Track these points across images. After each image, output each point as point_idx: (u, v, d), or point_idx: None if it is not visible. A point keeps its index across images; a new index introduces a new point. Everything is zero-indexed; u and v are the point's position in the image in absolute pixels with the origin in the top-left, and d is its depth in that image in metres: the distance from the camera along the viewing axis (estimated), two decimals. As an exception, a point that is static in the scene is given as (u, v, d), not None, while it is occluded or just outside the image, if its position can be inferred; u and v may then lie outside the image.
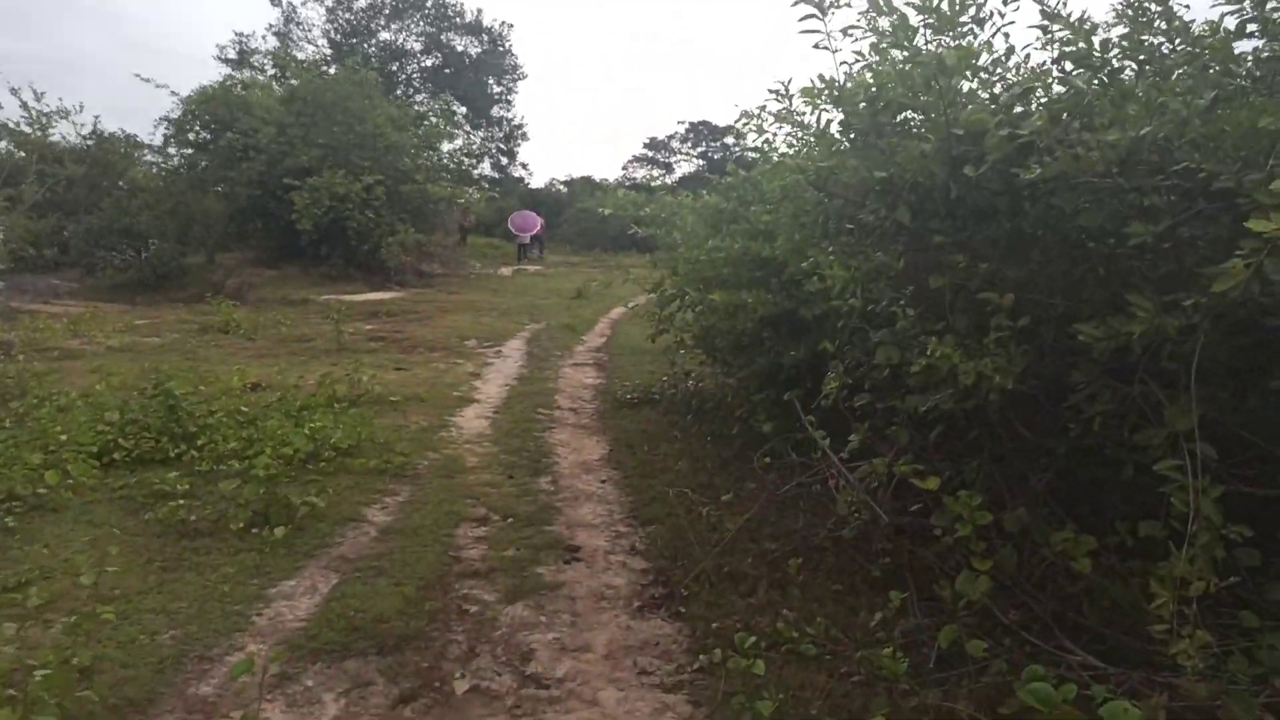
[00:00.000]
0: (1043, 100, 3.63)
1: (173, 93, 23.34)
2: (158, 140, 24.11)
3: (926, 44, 3.79)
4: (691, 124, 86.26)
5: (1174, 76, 3.70)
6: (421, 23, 43.63)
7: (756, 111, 4.47)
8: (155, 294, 22.97)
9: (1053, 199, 3.48)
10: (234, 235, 23.76)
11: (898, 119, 3.84)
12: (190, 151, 23.38)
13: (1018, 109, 3.66)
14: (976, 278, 3.60)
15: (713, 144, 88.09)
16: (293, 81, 22.12)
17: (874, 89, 3.80)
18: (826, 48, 3.98)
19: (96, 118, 25.06)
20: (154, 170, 24.55)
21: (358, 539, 5.38)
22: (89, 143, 24.81)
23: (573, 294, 20.75)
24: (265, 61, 23.71)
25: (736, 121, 4.46)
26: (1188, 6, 3.84)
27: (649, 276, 10.01)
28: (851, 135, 3.96)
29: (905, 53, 3.51)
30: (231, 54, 32.67)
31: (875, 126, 3.85)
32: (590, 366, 12.54)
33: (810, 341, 5.85)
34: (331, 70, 24.84)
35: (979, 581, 3.41)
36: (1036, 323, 3.59)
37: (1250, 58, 3.50)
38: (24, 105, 18.35)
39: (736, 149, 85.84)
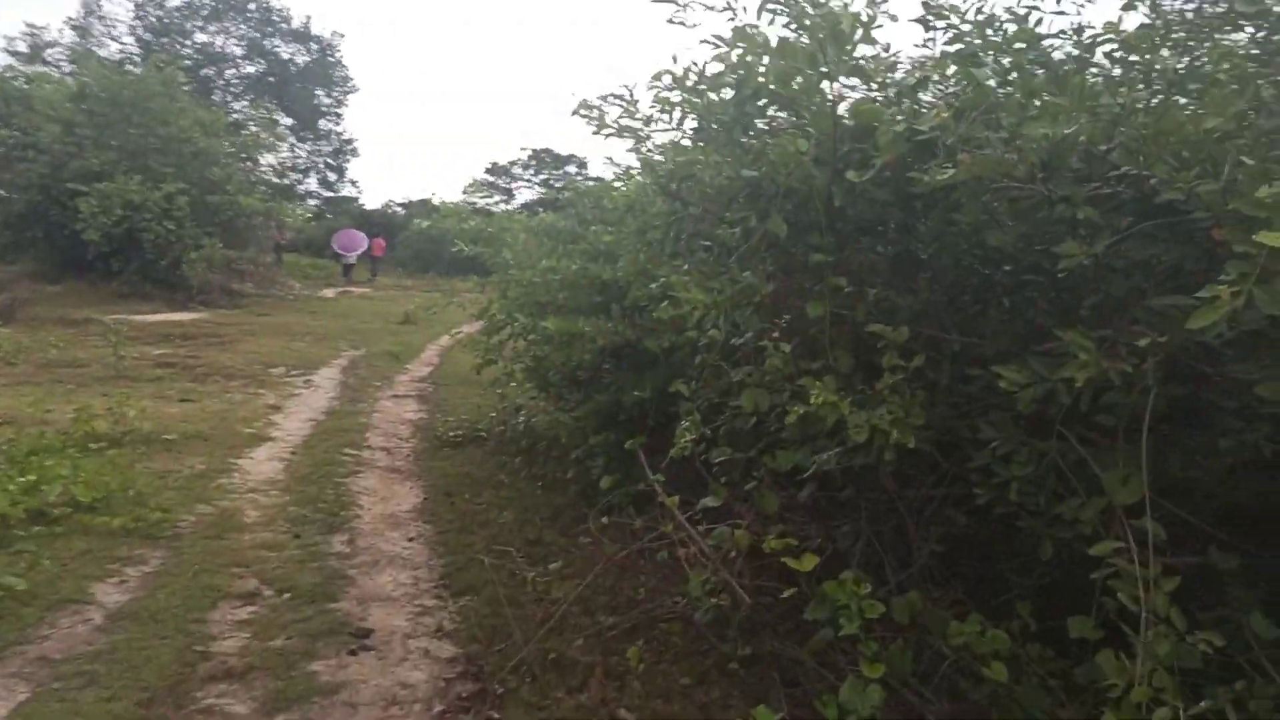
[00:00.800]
0: (941, 94, 3.01)
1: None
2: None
3: (801, 25, 3.11)
4: (534, 151, 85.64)
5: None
6: (243, 26, 40.76)
7: (598, 105, 3.68)
8: (-96, 309, 19.81)
9: (955, 213, 2.84)
10: (9, 246, 20.85)
11: (769, 113, 3.12)
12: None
13: (907, 104, 3.02)
14: (863, 306, 2.92)
15: (555, 172, 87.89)
16: (85, 77, 19.69)
17: (741, 73, 3.07)
18: (682, 23, 3.24)
19: None
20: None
21: (73, 630, 4.13)
22: None
23: (400, 318, 19.36)
24: (61, 57, 21.00)
25: (577, 111, 3.65)
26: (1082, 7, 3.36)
27: (478, 300, 9.06)
28: (713, 127, 3.21)
29: (785, 18, 2.79)
30: (22, 47, 29.20)
31: (741, 119, 3.12)
32: (412, 399, 11.37)
33: (658, 378, 5.08)
34: (137, 70, 22.33)
35: (868, 693, 2.67)
36: (930, 363, 2.94)
37: (1167, 57, 3.01)
38: None
39: (579, 177, 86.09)
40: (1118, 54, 3.01)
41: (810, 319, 2.92)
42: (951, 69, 3.06)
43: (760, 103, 3.02)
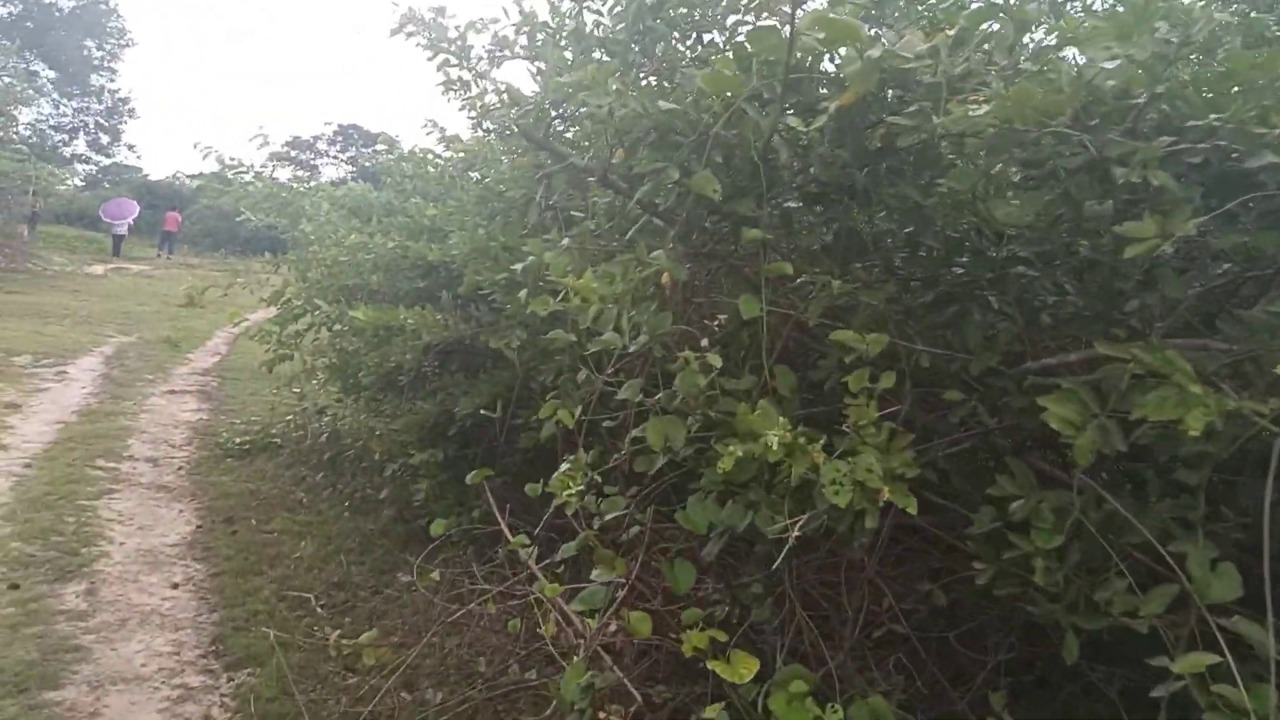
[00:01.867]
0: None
1: None
2: None
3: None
4: (341, 126, 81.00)
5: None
6: (-3, -40, 35.46)
7: (430, 19, 2.68)
8: None
9: (940, 178, 2.08)
10: None
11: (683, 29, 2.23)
12: None
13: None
14: (817, 302, 2.10)
15: (364, 149, 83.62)
16: None
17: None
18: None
19: None
20: None
21: None
22: None
23: (183, 301, 17.12)
24: None
25: (401, 30, 2.64)
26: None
27: (271, 282, 7.68)
28: (599, 54, 2.30)
29: None
30: None
31: (643, 36, 2.22)
32: (192, 395, 9.73)
33: (498, 385, 4.11)
34: None
35: None
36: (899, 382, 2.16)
37: None
38: None
39: (392, 155, 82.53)
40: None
41: (746, 321, 2.07)
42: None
43: (675, 11, 2.13)
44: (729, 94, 2.04)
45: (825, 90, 2.17)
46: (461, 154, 4.68)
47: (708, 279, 2.34)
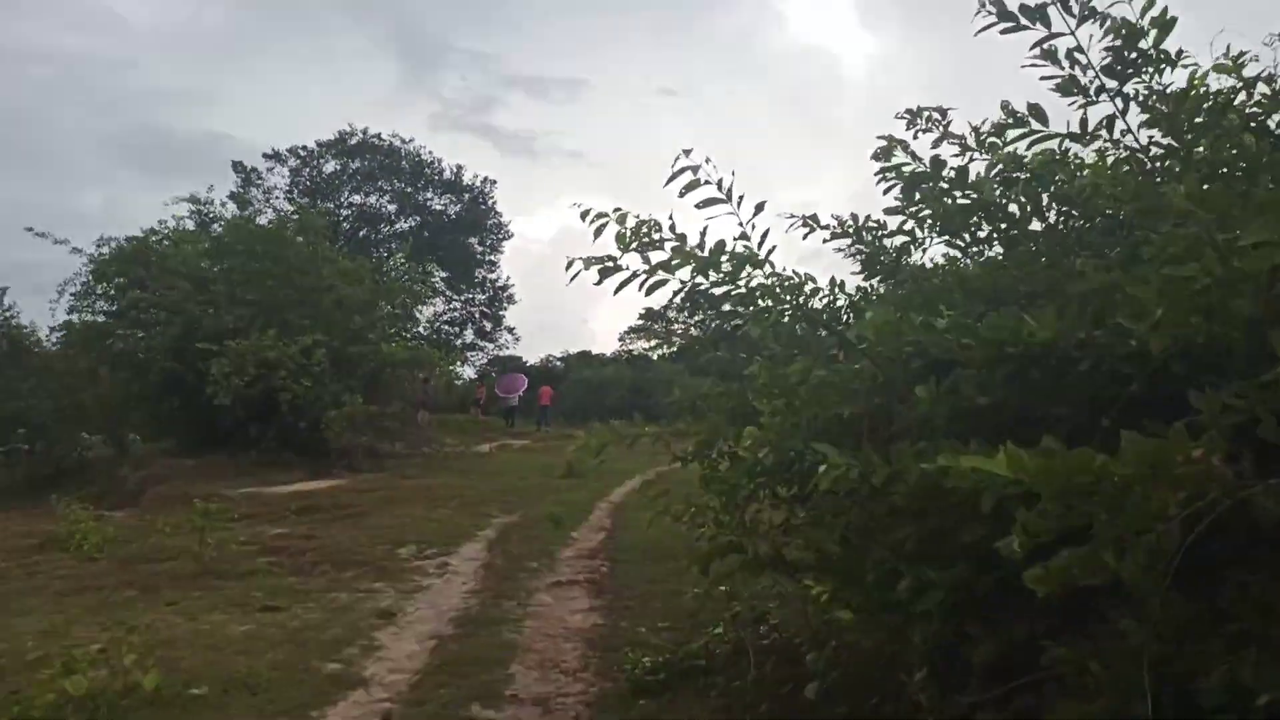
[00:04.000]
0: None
1: (75, 250, 19.23)
2: (60, 310, 19.95)
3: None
4: (688, 292, 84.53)
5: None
6: (397, 182, 41.11)
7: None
8: (46, 493, 18.42)
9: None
10: (150, 420, 19.40)
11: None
12: (101, 319, 19.34)
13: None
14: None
15: (709, 311, 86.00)
16: (217, 229, 18.50)
17: None
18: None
19: (3, 289, 21.17)
20: (53, 347, 20.45)
21: None
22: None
23: (562, 472, 16.23)
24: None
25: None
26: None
27: (671, 437, 5.53)
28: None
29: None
30: (191, 225, 29.60)
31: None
32: (581, 588, 7.87)
33: None
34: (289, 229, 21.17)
35: None
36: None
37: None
38: None
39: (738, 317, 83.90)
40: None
41: None
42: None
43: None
44: None
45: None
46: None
47: None
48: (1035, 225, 3.51)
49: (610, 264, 3.31)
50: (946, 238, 3.82)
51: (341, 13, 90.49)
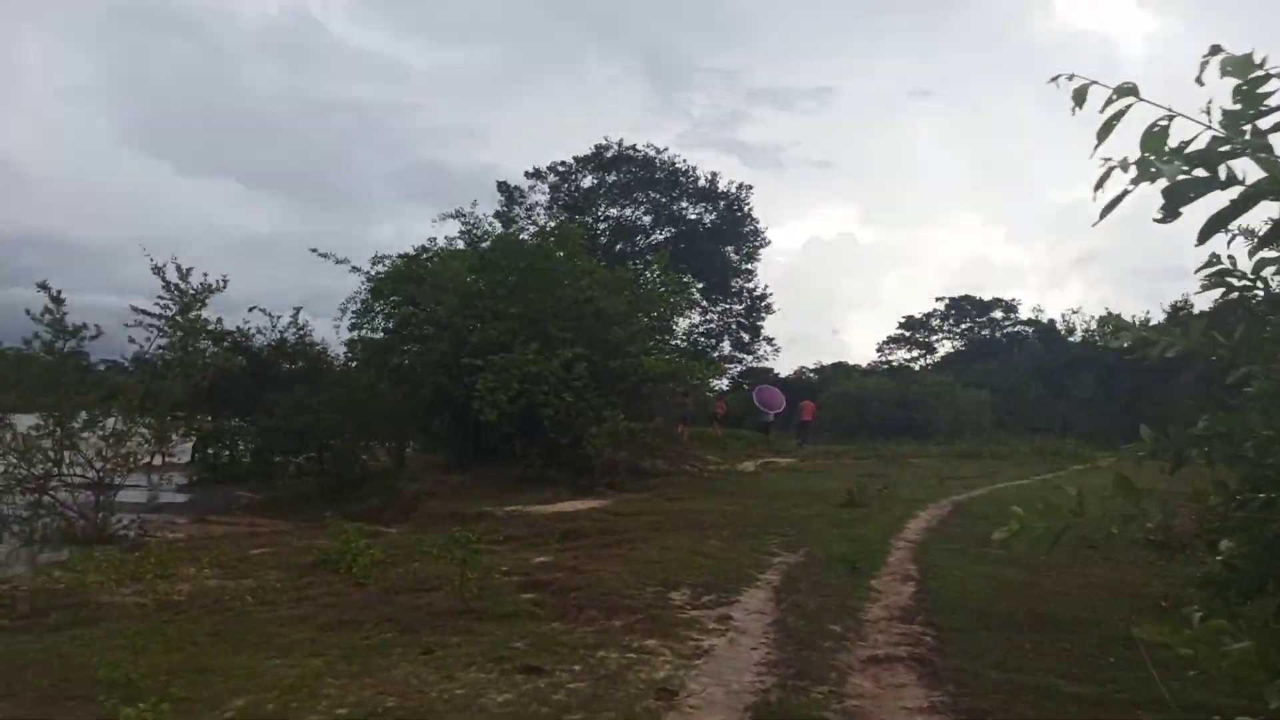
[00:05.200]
0: None
1: (354, 269, 20.23)
2: (343, 329, 21.03)
3: None
4: (952, 299, 78.98)
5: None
6: (652, 194, 40.86)
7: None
8: (331, 505, 19.21)
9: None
10: (423, 432, 19.79)
11: None
12: (380, 335, 20.04)
13: None
14: None
15: (978, 319, 79.81)
16: (484, 245, 18.52)
17: None
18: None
19: (298, 310, 22.66)
20: (339, 363, 21.48)
21: None
22: (287, 336, 22.24)
23: (842, 499, 14.43)
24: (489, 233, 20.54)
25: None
26: None
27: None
28: None
29: None
30: (461, 245, 30.81)
31: None
32: (906, 670, 6.10)
33: None
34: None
35: None
36: None
37: None
38: (167, 285, 15.59)
39: (1006, 322, 77.07)
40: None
41: None
42: None
43: None
44: None
45: None
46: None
47: None
48: None
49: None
50: None
51: (596, 44, 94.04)
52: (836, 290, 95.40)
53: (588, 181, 41.94)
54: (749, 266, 42.36)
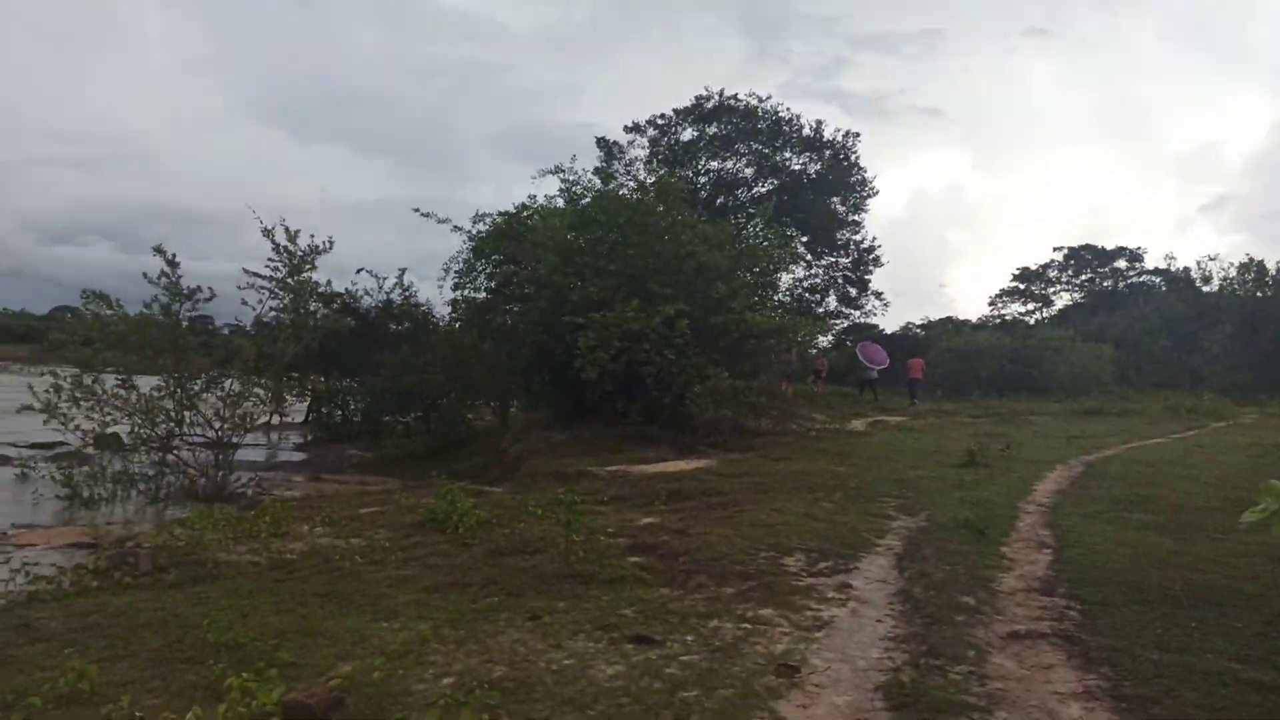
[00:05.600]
0: None
1: (456, 228, 20.35)
2: (447, 289, 21.25)
3: None
4: (1071, 249, 75.08)
5: None
6: (754, 145, 39.70)
7: None
8: (437, 463, 19.46)
9: None
10: (525, 390, 19.81)
11: None
12: (481, 295, 20.08)
13: None
14: None
15: (1100, 269, 75.65)
16: (583, 201, 18.22)
17: None
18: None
19: (403, 271, 22.88)
20: (443, 323, 21.68)
21: None
22: (393, 297, 22.53)
23: (961, 459, 13.69)
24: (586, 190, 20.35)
25: None
26: None
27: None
28: None
29: None
30: (560, 202, 30.67)
31: None
32: (1052, 648, 5.54)
33: None
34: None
35: None
36: None
37: None
38: (277, 247, 15.80)
39: (1131, 273, 72.69)
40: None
41: None
42: None
43: None
44: None
45: None
46: None
47: None
48: None
49: None
50: None
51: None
52: (943, 242, 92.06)
53: (687, 134, 41.08)
54: (856, 218, 40.79)
